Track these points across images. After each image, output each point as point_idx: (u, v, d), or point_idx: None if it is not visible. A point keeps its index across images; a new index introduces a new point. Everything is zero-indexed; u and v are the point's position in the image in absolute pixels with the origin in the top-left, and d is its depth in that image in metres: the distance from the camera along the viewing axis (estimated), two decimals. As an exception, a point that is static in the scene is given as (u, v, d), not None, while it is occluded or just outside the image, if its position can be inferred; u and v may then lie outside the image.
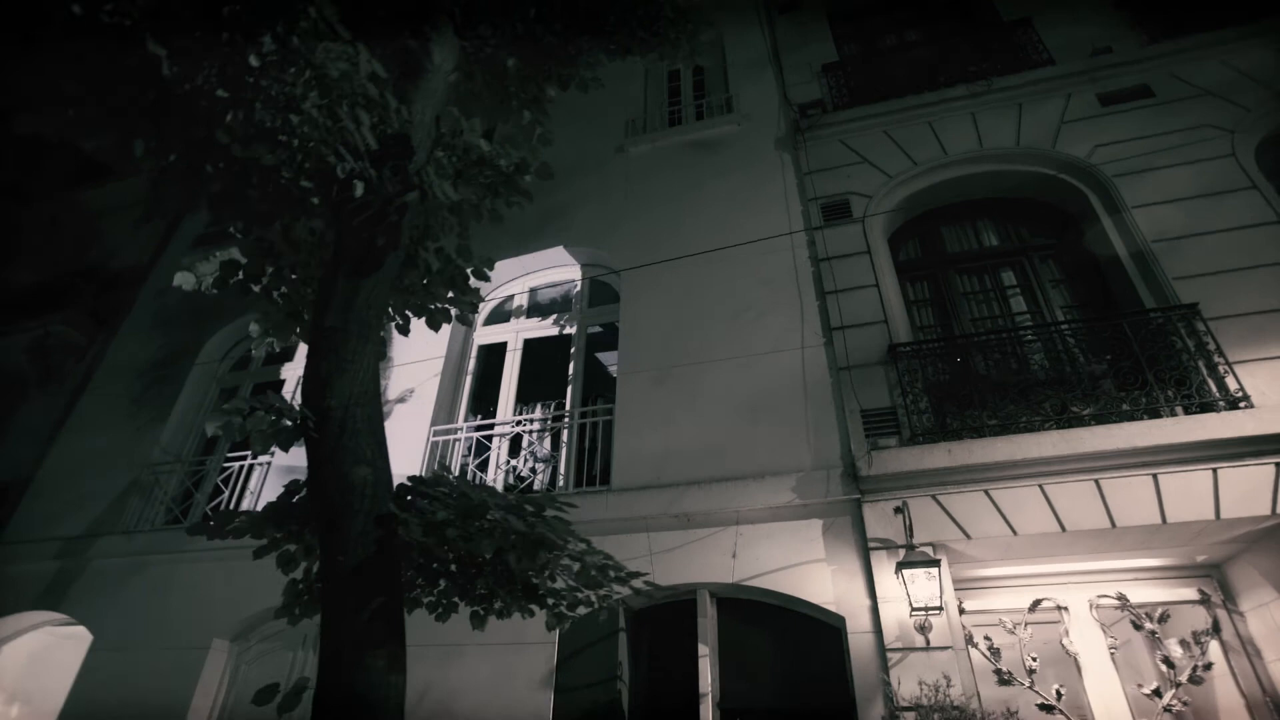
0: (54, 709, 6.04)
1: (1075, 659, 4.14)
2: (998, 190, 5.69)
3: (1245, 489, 3.59)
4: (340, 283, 2.87)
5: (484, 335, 6.64)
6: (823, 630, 4.15)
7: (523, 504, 2.75)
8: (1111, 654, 4.12)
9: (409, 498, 2.88)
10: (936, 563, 3.50)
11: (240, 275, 3.41)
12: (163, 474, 6.64)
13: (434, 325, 3.58)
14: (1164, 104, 5.30)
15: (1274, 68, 5.20)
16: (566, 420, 5.59)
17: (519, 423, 5.77)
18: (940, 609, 3.46)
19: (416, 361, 6.24)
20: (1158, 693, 3.92)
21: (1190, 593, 4.22)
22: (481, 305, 6.80)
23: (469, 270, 3.56)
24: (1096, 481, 3.81)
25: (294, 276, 3.40)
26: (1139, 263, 4.63)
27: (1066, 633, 4.24)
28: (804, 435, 4.58)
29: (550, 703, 4.05)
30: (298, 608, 2.99)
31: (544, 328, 6.49)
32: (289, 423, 2.67)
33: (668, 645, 4.32)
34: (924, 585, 3.47)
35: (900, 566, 3.54)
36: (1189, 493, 3.65)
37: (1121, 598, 4.26)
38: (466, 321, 3.76)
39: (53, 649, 6.38)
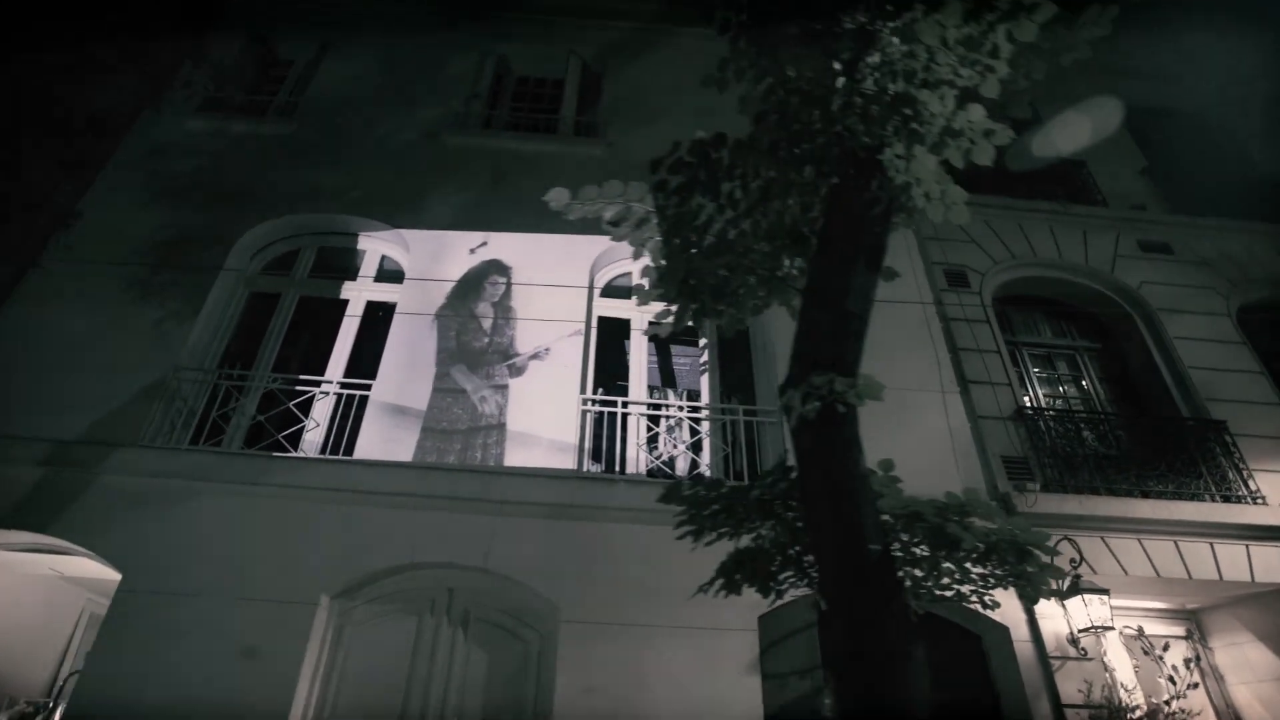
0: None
1: (1112, 674, 5.36)
2: (1058, 293, 7.04)
3: (1268, 563, 5.04)
4: (862, 270, 2.89)
5: (602, 307, 6.44)
6: (958, 636, 4.87)
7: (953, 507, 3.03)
8: (1135, 671, 5.40)
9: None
10: (1106, 591, 4.40)
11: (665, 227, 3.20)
12: (185, 383, 5.42)
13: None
14: (1181, 262, 7.03)
15: (1244, 258, 7.18)
16: (704, 413, 5.72)
17: (681, 408, 5.76)
18: (1111, 628, 4.36)
19: (542, 320, 5.89)
20: (1167, 703, 5.25)
21: (1181, 630, 5.70)
22: (598, 275, 6.60)
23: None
24: (1176, 543, 5.05)
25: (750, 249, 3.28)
26: (1177, 380, 6.14)
27: (1105, 653, 5.46)
28: (953, 468, 5.30)
29: (759, 689, 4.23)
30: (727, 582, 2.94)
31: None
32: (816, 403, 2.65)
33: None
34: (1097, 608, 4.35)
35: (1078, 590, 4.39)
36: (1234, 560, 5.02)
37: (1140, 630, 5.60)
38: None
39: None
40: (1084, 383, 6.57)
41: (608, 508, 4.80)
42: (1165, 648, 5.54)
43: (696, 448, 5.70)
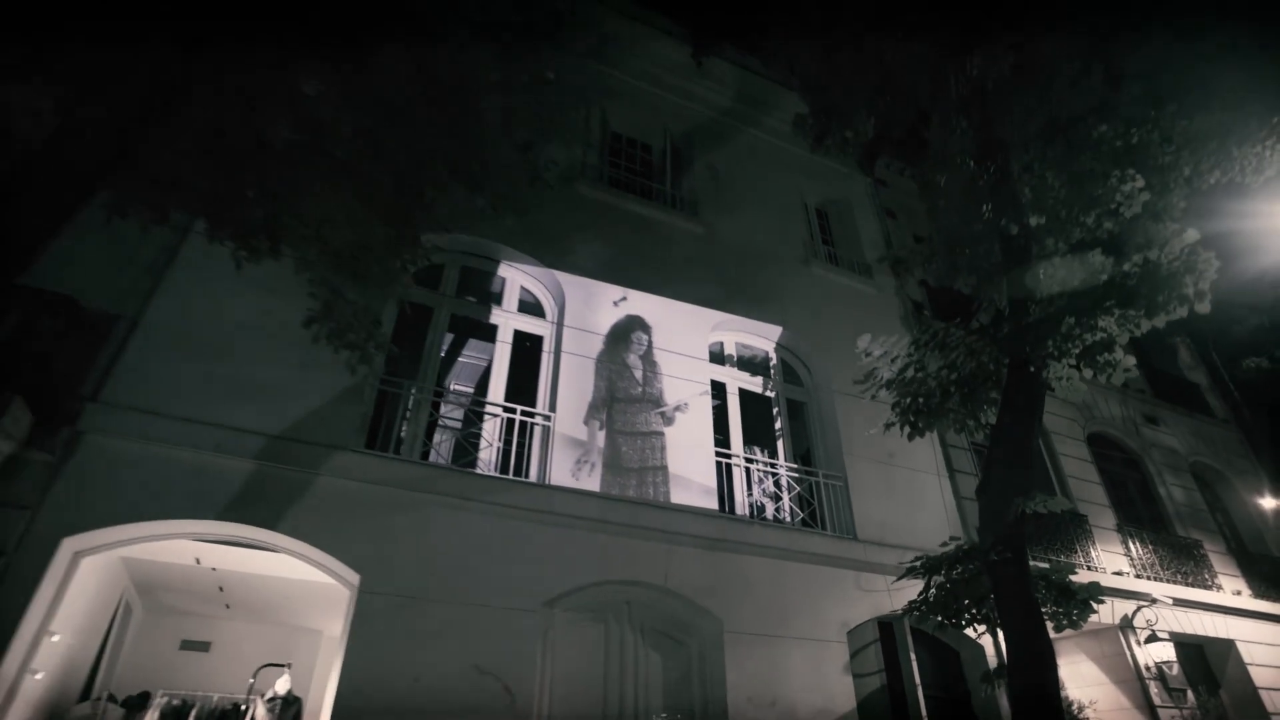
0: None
1: (1010, 679, 7.96)
2: (991, 407, 9.82)
3: (1104, 611, 7.94)
4: (1037, 426, 4.71)
5: (710, 371, 7.65)
6: (941, 649, 7.05)
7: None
8: (1021, 678, 8.06)
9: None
10: (1044, 628, 6.82)
11: (951, 381, 4.78)
12: (368, 388, 5.73)
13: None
14: (1059, 400, 10.18)
15: (1089, 403, 10.60)
16: (783, 470, 7.34)
17: (781, 466, 7.24)
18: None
19: (672, 377, 7.06)
20: (1037, 699, 7.96)
21: (1043, 651, 8.53)
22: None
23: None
24: (1064, 595, 7.74)
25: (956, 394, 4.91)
26: (1060, 482, 9.09)
27: (1006, 665, 8.06)
28: (946, 533, 7.50)
29: (852, 685, 5.92)
30: (934, 612, 4.59)
31: (753, 383, 7.99)
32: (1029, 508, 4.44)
33: (886, 652, 6.60)
34: (1038, 638, 6.73)
35: (1031, 627, 6.75)
36: (1103, 610, 7.83)
37: (1024, 650, 8.32)
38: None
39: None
40: (1001, 475, 9.34)
41: (747, 544, 6.19)
42: (1036, 663, 8.32)
43: (775, 497, 7.27)
